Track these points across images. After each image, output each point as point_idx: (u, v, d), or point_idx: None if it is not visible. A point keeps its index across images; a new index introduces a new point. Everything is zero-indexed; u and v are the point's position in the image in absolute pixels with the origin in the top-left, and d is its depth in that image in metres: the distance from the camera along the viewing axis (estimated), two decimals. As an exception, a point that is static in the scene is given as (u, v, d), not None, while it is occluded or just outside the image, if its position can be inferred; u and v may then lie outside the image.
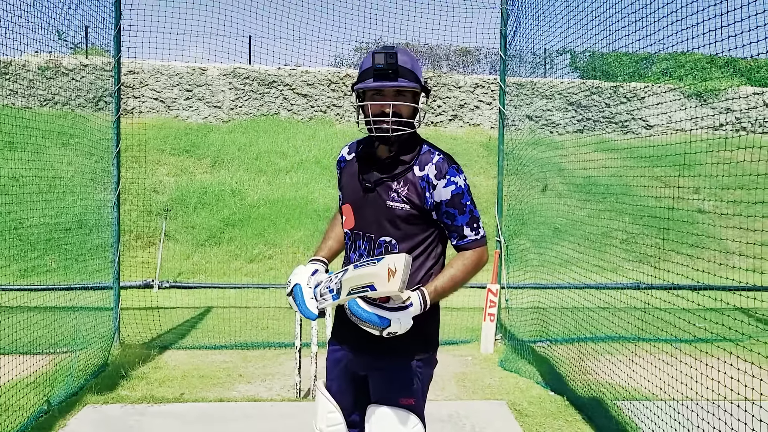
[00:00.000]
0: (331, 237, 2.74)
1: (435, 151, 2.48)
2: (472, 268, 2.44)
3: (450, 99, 17.01)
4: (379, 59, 2.33)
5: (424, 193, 2.41)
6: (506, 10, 6.56)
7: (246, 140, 15.03)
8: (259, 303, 9.05)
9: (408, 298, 2.26)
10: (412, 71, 2.39)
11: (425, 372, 2.54)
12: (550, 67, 8.99)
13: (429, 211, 2.43)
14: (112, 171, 6.52)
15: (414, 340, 2.47)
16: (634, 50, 4.67)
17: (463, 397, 5.20)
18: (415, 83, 2.39)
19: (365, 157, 2.56)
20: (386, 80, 2.35)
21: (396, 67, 2.34)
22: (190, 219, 12.41)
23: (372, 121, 2.40)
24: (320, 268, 2.55)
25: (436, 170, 2.41)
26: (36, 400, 4.55)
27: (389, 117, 2.36)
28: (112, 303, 6.46)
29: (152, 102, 15.98)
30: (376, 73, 2.35)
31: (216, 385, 5.46)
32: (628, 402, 4.61)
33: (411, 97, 2.42)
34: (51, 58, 14.81)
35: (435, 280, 2.38)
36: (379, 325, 2.18)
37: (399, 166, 2.46)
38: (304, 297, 2.42)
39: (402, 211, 2.42)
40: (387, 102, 2.37)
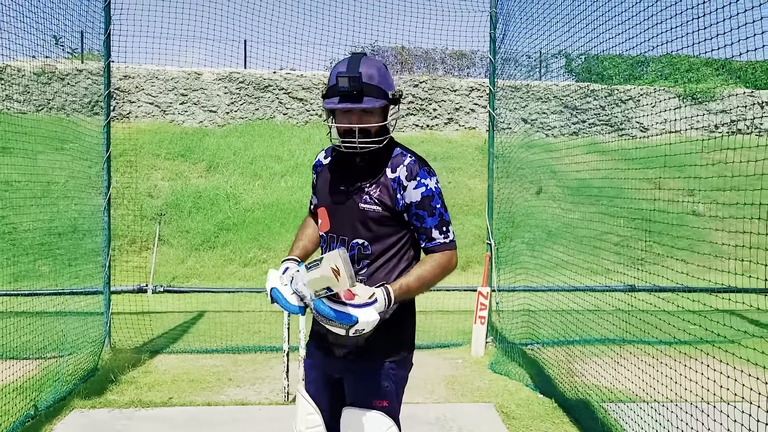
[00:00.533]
0: (302, 238, 2.76)
1: (407, 153, 2.50)
2: (440, 271, 2.44)
3: (445, 102, 17.04)
4: (342, 83, 2.32)
5: (396, 195, 2.43)
6: (495, 14, 6.58)
7: (241, 144, 15.05)
8: (252, 307, 9.05)
9: (373, 295, 2.26)
10: (378, 87, 2.37)
11: (399, 374, 2.55)
12: (545, 70, 9.02)
13: (400, 212, 2.45)
14: (103, 175, 6.52)
15: (387, 342, 2.49)
16: (622, 52, 4.69)
17: (452, 400, 5.21)
18: (381, 100, 2.37)
19: (340, 161, 2.58)
20: (351, 102, 2.33)
21: (360, 87, 2.32)
22: (185, 223, 12.42)
23: (341, 140, 2.41)
24: (291, 265, 2.55)
25: (407, 172, 2.42)
26: (23, 404, 4.55)
27: (357, 136, 2.37)
28: (103, 308, 6.46)
29: (148, 106, 15.99)
30: (341, 95, 2.35)
31: (205, 389, 5.46)
32: (614, 404, 4.62)
33: (379, 113, 2.42)
34: (46, 63, 14.83)
35: (401, 279, 2.38)
36: (345, 322, 2.17)
37: (372, 169, 2.48)
38: (284, 295, 2.43)
39: (374, 213, 2.43)
40: (353, 124, 2.37)
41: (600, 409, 4.63)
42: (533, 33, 6.07)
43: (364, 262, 2.46)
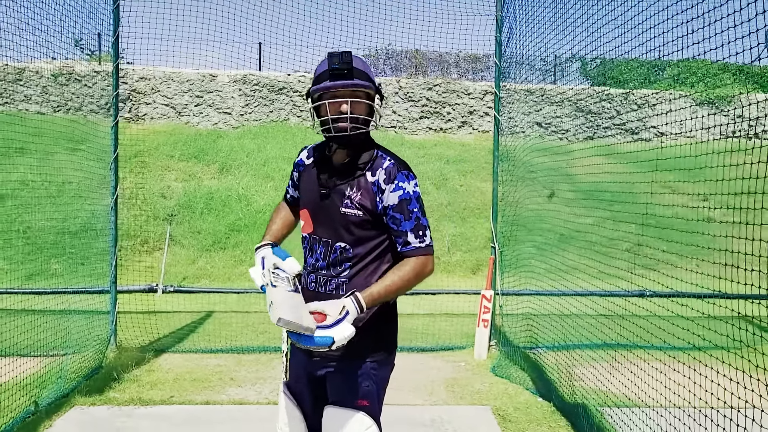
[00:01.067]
0: (275, 223, 2.83)
1: (387, 156, 2.51)
2: (413, 275, 2.43)
3: (459, 106, 17.02)
4: (334, 60, 2.39)
5: (376, 198, 2.45)
6: (501, 18, 6.57)
7: (254, 146, 15.14)
8: (260, 307, 9.09)
9: (343, 308, 2.29)
10: (365, 72, 2.45)
11: (380, 374, 2.56)
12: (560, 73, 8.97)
13: (380, 215, 2.46)
14: (110, 175, 6.60)
15: (368, 342, 2.50)
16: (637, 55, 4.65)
17: (450, 402, 5.20)
18: (369, 83, 2.45)
19: (321, 163, 2.61)
20: (342, 79, 2.40)
21: (351, 66, 2.39)
22: (197, 224, 12.52)
23: (330, 120, 2.43)
24: (266, 252, 2.54)
25: (386, 175, 2.44)
26: (25, 401, 4.61)
27: (347, 116, 2.40)
28: (109, 307, 6.53)
29: (163, 108, 16.15)
30: (332, 73, 2.40)
31: (206, 388, 5.51)
32: (611, 408, 4.58)
33: (366, 97, 2.47)
34: (64, 65, 15.03)
35: (373, 286, 2.39)
36: (323, 345, 2.23)
37: (353, 172, 2.50)
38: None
39: (355, 217, 2.45)
40: (344, 100, 2.41)
41: (598, 414, 4.61)
42: (541, 36, 6.06)
43: (346, 264, 2.48)
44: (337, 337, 2.22)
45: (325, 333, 2.23)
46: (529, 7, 6.22)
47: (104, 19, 6.51)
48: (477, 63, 17.98)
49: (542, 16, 6.01)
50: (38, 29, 5.30)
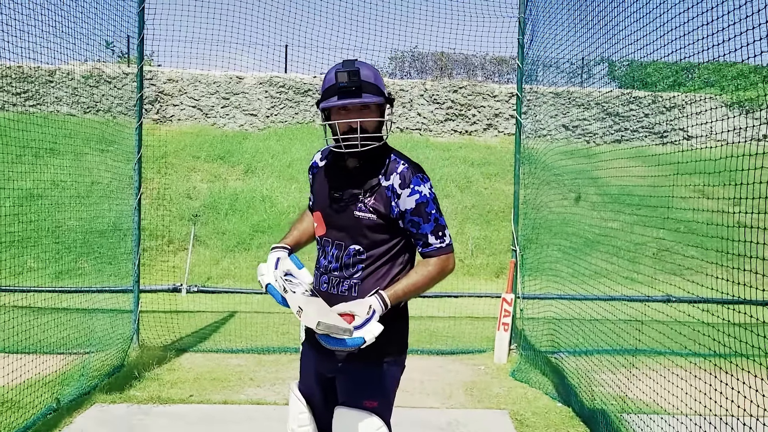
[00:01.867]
0: (298, 228, 2.80)
1: (401, 160, 2.50)
2: (436, 274, 2.46)
3: (485, 108, 16.95)
4: (342, 77, 2.36)
5: (390, 203, 2.44)
6: (523, 19, 6.53)
7: (280, 148, 15.23)
8: (283, 308, 9.09)
9: (370, 307, 2.30)
10: (374, 84, 2.42)
11: (391, 375, 2.56)
12: (586, 75, 8.88)
13: (395, 219, 2.46)
14: (134, 176, 6.69)
15: (380, 344, 2.49)
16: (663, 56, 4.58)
17: (468, 406, 5.17)
18: (379, 97, 2.42)
19: (335, 166, 2.60)
20: (351, 97, 2.37)
21: (359, 83, 2.37)
22: (221, 225, 12.62)
23: (341, 139, 2.43)
24: (282, 255, 2.57)
25: (401, 179, 2.43)
26: (47, 398, 4.68)
27: (357, 133, 2.39)
28: (132, 306, 6.61)
29: (190, 110, 16.32)
30: (341, 91, 2.38)
31: (225, 387, 5.54)
32: (631, 415, 4.52)
33: (376, 111, 2.45)
34: (95, 66, 15.26)
35: (397, 284, 2.42)
36: (354, 346, 2.24)
37: (367, 176, 2.49)
38: (279, 293, 2.46)
39: (369, 221, 2.45)
40: (354, 119, 2.40)
41: (618, 420, 4.54)
42: (566, 38, 6.01)
43: (359, 266, 2.49)
44: (368, 336, 2.24)
45: (355, 334, 2.24)
46: (553, 9, 6.18)
47: (131, 22, 6.61)
48: (503, 65, 17.90)
49: (566, 17, 5.96)
50: (69, 32, 5.39)
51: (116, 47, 7.51)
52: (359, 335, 2.24)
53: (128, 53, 16.31)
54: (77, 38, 5.55)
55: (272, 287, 2.47)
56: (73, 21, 5.43)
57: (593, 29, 5.49)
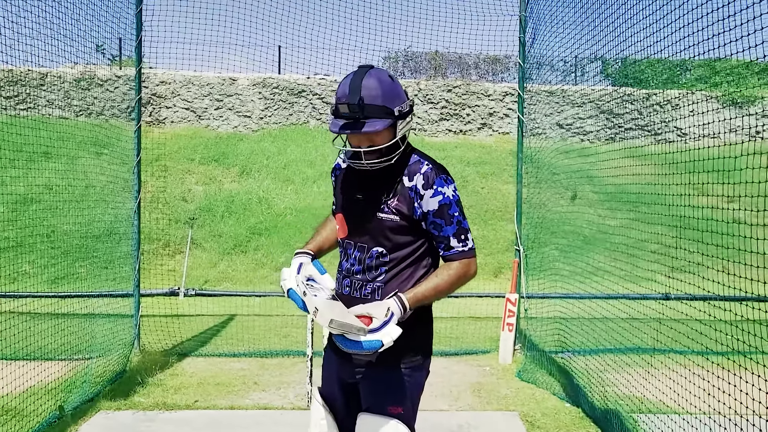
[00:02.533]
0: (321, 234, 2.72)
1: (424, 160, 2.45)
2: (456, 279, 2.40)
3: (479, 107, 16.93)
4: (342, 109, 2.29)
5: (413, 204, 2.39)
6: (524, 18, 6.50)
7: (275, 149, 15.16)
8: (283, 311, 9.08)
9: (388, 310, 2.24)
10: (382, 106, 2.30)
11: (415, 380, 2.51)
12: (581, 74, 8.86)
13: (418, 221, 2.41)
14: (133, 179, 6.62)
15: (404, 349, 2.45)
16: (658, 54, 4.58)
17: (477, 408, 5.14)
18: (385, 120, 2.31)
19: (356, 168, 2.55)
20: (352, 128, 2.29)
21: (362, 113, 2.27)
22: (218, 227, 12.54)
23: (348, 160, 2.42)
24: (305, 260, 2.52)
25: (424, 180, 2.38)
26: (50, 405, 4.61)
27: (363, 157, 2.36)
28: (133, 310, 6.54)
29: (183, 112, 16.22)
30: (344, 120, 2.31)
31: (230, 392, 5.48)
32: (645, 415, 4.49)
33: (387, 131, 2.37)
34: (86, 70, 15.14)
35: (417, 287, 2.36)
36: (372, 349, 2.20)
37: (389, 177, 2.44)
38: (302, 298, 2.39)
39: (392, 223, 2.40)
40: (359, 145, 2.36)
41: (630, 420, 4.51)
42: (565, 37, 5.99)
43: (382, 269, 2.43)
44: (386, 339, 2.19)
45: (372, 336, 2.19)
46: (553, 7, 6.16)
47: (126, 24, 6.54)
48: (497, 64, 17.89)
49: (565, 16, 5.94)
50: (61, 34, 5.32)
51: (107, 50, 7.41)
52: (376, 338, 2.19)
53: (120, 56, 16.19)
54: (69, 41, 5.48)
55: (293, 292, 2.41)
56: (65, 24, 5.36)
57: (594, 27, 5.48)
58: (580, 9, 5.69)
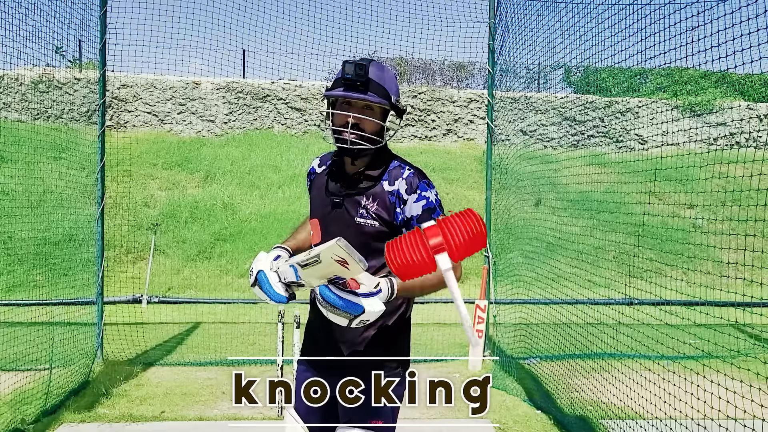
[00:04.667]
0: (299, 232, 2.66)
1: (405, 165, 2.43)
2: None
3: (444, 113, 17.01)
4: (348, 69, 2.27)
5: (394, 209, 2.36)
6: (494, 25, 6.54)
7: (239, 154, 15.00)
8: (248, 318, 8.97)
9: (378, 284, 2.17)
10: (382, 87, 2.32)
11: (395, 391, 2.48)
12: (544, 81, 8.97)
13: (399, 226, 2.38)
14: (97, 185, 6.46)
15: (383, 361, 2.42)
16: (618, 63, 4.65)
17: (449, 416, 5.12)
18: (383, 99, 2.32)
19: (334, 171, 2.51)
20: (354, 91, 2.29)
21: (365, 79, 2.28)
22: (181, 233, 12.34)
23: (334, 131, 2.35)
24: (283, 253, 2.45)
25: (407, 185, 2.35)
26: (11, 418, 4.46)
27: (349, 128, 2.30)
28: (96, 318, 6.38)
29: (145, 116, 15.95)
30: (345, 83, 2.30)
31: (198, 402, 5.38)
32: (613, 421, 4.53)
33: (379, 113, 2.37)
34: (45, 72, 14.80)
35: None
36: (352, 312, 2.08)
37: (367, 181, 2.40)
38: (270, 282, 2.27)
39: (370, 228, 2.36)
40: (350, 113, 2.31)
41: (599, 426, 4.55)
42: (532, 44, 6.04)
43: None
44: (368, 308, 2.08)
45: (357, 300, 2.09)
46: (520, 15, 6.20)
47: (90, 27, 6.39)
48: (462, 71, 17.99)
49: (531, 23, 6.00)
50: (19, 35, 5.17)
51: (67, 52, 7.25)
52: (361, 303, 2.09)
53: (80, 58, 15.85)
54: (29, 43, 5.34)
55: (263, 274, 2.31)
56: (23, 24, 5.21)
57: (559, 35, 5.54)
58: (546, 17, 5.76)
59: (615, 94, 14.66)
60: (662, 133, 15.46)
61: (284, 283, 2.25)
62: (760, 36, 2.96)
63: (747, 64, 3.10)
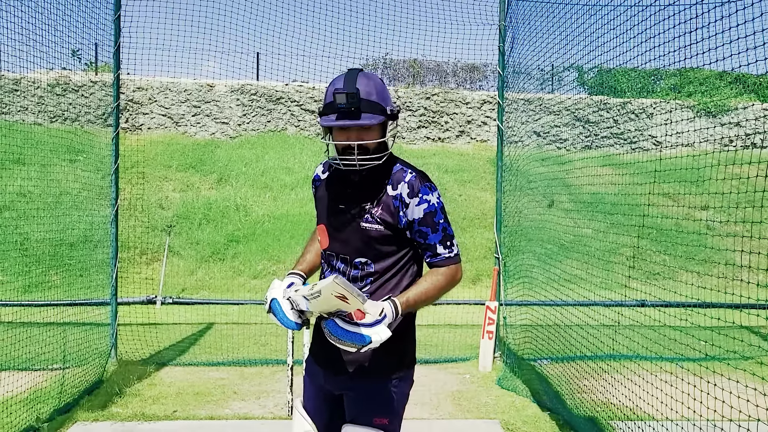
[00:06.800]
0: (309, 251, 2.71)
1: (408, 169, 2.45)
2: (445, 284, 2.40)
3: (457, 115, 17.01)
4: (340, 99, 2.27)
5: (398, 213, 2.38)
6: (504, 27, 6.55)
7: (252, 156, 15.09)
8: (261, 319, 9.02)
9: (382, 310, 2.22)
10: (375, 103, 2.32)
11: (400, 391, 2.50)
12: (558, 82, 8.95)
13: (403, 230, 2.40)
14: (111, 187, 6.54)
15: (389, 360, 2.45)
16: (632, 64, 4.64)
17: (458, 416, 5.14)
18: (379, 116, 2.32)
19: (338, 178, 2.54)
20: (348, 119, 2.29)
21: (358, 104, 2.28)
22: (195, 235, 12.44)
23: (339, 158, 2.38)
24: (296, 280, 2.52)
25: (409, 188, 2.38)
26: (26, 416, 4.53)
27: (355, 152, 2.33)
28: (110, 319, 6.45)
29: (160, 118, 16.09)
30: (339, 111, 2.30)
31: (209, 402, 5.43)
32: (623, 422, 4.52)
33: (377, 130, 2.38)
34: (61, 75, 14.95)
35: (408, 292, 2.35)
36: (359, 343, 2.15)
37: (372, 187, 2.43)
38: (283, 309, 2.38)
39: (376, 233, 2.39)
40: (351, 141, 2.33)
41: (608, 428, 4.55)
42: (543, 46, 6.04)
43: (368, 280, 2.42)
44: (374, 338, 2.15)
45: (364, 331, 2.16)
46: (531, 17, 6.21)
47: (105, 30, 6.47)
48: (475, 72, 17.99)
49: (542, 24, 6.00)
50: (35, 39, 5.26)
51: (83, 55, 7.33)
52: (367, 333, 2.16)
53: (96, 61, 16.00)
54: (44, 46, 5.42)
55: (276, 303, 2.40)
56: (41, 28, 5.29)
57: (571, 36, 5.54)
58: (556, 18, 5.75)
59: (629, 95, 14.60)
60: (677, 135, 15.37)
61: (297, 310, 2.33)
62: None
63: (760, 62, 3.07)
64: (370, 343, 2.15)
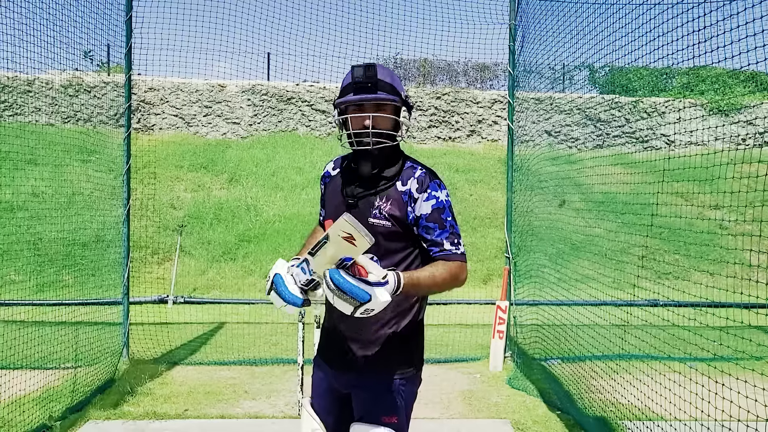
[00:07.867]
0: (310, 244, 2.71)
1: (417, 166, 2.46)
2: (450, 277, 2.36)
3: (468, 114, 16.99)
4: (357, 72, 2.35)
5: (406, 207, 2.38)
6: (514, 26, 6.54)
7: (263, 156, 15.14)
8: (272, 319, 9.05)
9: (385, 276, 2.18)
10: (391, 85, 2.39)
11: (408, 390, 2.50)
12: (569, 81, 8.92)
13: (411, 226, 2.40)
14: (122, 187, 6.58)
15: (398, 358, 2.45)
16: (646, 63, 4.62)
17: (468, 416, 5.13)
18: (394, 96, 2.39)
19: (349, 173, 2.55)
20: (365, 93, 2.35)
21: (375, 80, 2.35)
22: (206, 234, 12.49)
23: (353, 135, 2.39)
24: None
25: (418, 184, 2.38)
26: (39, 415, 4.57)
27: (370, 130, 2.35)
28: (122, 318, 6.50)
29: (172, 118, 16.17)
30: (356, 86, 2.36)
31: (221, 401, 5.45)
32: (632, 422, 4.50)
33: (391, 111, 2.42)
34: (74, 76, 15.05)
35: (415, 272, 2.30)
36: (359, 298, 2.06)
37: (382, 182, 2.44)
38: (286, 284, 2.26)
39: (383, 228, 2.39)
40: (366, 114, 2.36)
41: (620, 428, 4.53)
42: (554, 45, 6.02)
43: None
44: (374, 297, 2.07)
45: (365, 287, 2.07)
46: (541, 16, 6.19)
47: (116, 31, 6.51)
48: (485, 72, 17.96)
49: (553, 24, 5.99)
50: (48, 40, 5.30)
51: (95, 56, 7.39)
52: (368, 290, 2.07)
53: (108, 62, 16.10)
54: (57, 47, 5.46)
55: (279, 277, 2.30)
56: (53, 29, 5.33)
57: (581, 35, 5.52)
58: (566, 17, 5.74)
59: (640, 93, 14.54)
60: (690, 133, 15.31)
61: (299, 286, 2.28)
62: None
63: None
64: (368, 302, 2.06)
